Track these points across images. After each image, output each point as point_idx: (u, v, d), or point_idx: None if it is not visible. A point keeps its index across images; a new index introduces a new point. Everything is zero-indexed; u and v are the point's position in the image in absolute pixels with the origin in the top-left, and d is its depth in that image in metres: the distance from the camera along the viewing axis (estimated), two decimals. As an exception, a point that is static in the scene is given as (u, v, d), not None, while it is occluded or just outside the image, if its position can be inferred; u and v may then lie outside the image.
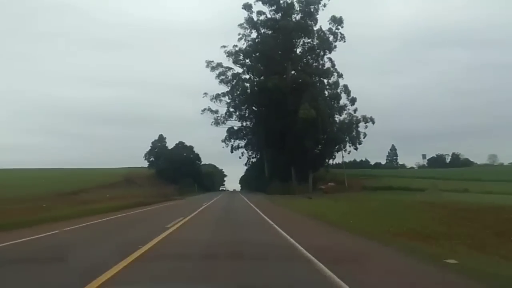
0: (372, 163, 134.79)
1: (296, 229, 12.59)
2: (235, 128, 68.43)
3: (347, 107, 53.71)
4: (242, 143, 70.31)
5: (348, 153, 51.19)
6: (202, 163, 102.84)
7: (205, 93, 60.96)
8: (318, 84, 53.85)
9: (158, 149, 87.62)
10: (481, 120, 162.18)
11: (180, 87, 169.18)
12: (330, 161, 58.68)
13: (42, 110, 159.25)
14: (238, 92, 62.38)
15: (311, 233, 12.42)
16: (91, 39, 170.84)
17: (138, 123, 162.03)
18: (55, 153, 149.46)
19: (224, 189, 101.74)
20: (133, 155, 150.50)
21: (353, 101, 53.23)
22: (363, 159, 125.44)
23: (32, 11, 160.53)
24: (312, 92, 50.20)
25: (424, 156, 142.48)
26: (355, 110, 52.34)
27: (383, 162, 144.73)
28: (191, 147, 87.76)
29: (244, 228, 13.61)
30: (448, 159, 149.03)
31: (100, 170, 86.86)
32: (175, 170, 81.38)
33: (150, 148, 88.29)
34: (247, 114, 64.01)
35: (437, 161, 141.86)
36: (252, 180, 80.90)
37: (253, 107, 61.69)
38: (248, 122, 65.44)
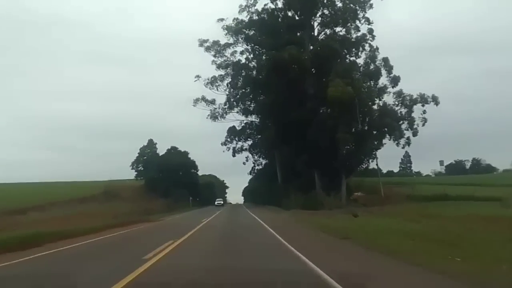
0: (384, 171, 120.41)
1: None
2: (237, 127, 53.58)
3: (387, 89, 38.70)
4: (246, 144, 55.40)
5: (402, 147, 36.07)
6: (201, 174, 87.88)
7: (197, 76, 46.02)
8: (349, 58, 38.99)
9: (147, 156, 72.49)
10: (503, 124, 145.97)
11: (176, 99, 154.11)
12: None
13: (22, 122, 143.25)
14: (241, 78, 47.63)
15: None
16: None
17: (131, 136, 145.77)
18: (28, 166, 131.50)
19: (221, 203, 74.30)
20: (121, 167, 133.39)
21: (395, 80, 38.17)
22: (374, 167, 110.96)
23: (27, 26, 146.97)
24: (344, 64, 35.37)
25: (441, 163, 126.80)
26: (399, 93, 37.23)
27: (396, 170, 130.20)
28: (186, 153, 72.39)
29: None
30: (468, 165, 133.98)
31: (76, 183, 71.68)
32: (167, 180, 66.22)
33: (137, 155, 73.16)
34: (252, 107, 49.01)
35: (456, 168, 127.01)
36: (258, 191, 65.40)
37: (260, 97, 46.70)
38: (253, 117, 50.49)
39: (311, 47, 41.56)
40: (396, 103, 35.11)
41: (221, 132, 53.92)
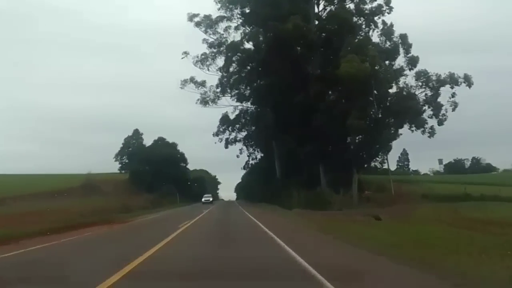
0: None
1: None
2: (231, 115, 47.87)
3: (404, 71, 33.17)
4: (240, 135, 49.84)
5: (429, 137, 30.38)
6: (192, 168, 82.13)
7: (185, 53, 39.98)
8: (360, 35, 33.28)
9: (132, 147, 66.42)
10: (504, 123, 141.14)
11: (167, 91, 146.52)
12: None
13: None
14: (236, 61, 41.76)
15: None
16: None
17: (118, 128, 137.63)
18: (7, 158, 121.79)
19: (210, 200, 59.05)
20: (106, 159, 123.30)
21: (413, 61, 32.73)
22: (371, 165, 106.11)
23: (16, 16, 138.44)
24: (358, 39, 29.88)
25: (440, 161, 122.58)
26: (418, 75, 31.66)
27: (393, 168, 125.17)
28: (174, 144, 66.44)
29: None
30: (467, 164, 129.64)
31: (55, 176, 65.43)
32: (153, 173, 60.49)
33: (121, 146, 67.04)
34: (248, 92, 43.23)
35: (455, 167, 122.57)
36: (253, 187, 59.81)
37: (257, 81, 40.92)
38: (249, 103, 44.72)
39: (317, 23, 35.98)
40: (420, 84, 29.47)
41: (214, 126, 48.57)
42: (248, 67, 41.40)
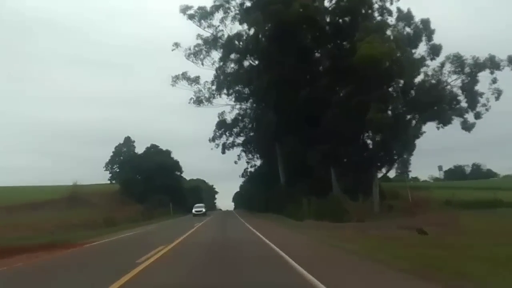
0: (379, 176, 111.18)
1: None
2: (228, 116, 43.10)
3: (425, 61, 28.55)
4: (239, 140, 45.05)
5: (468, 131, 25.30)
6: (189, 178, 76.97)
7: (176, 44, 35.09)
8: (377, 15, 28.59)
9: (123, 155, 61.16)
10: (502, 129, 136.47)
11: (164, 104, 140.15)
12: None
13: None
14: (236, 55, 37.01)
15: None
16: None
17: (113, 140, 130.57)
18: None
19: (202, 211, 49.00)
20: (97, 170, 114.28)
21: (436, 50, 28.15)
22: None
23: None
24: (375, 22, 25.28)
25: (440, 168, 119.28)
26: (448, 59, 26.89)
27: (391, 175, 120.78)
28: (168, 152, 61.21)
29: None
30: (468, 171, 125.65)
31: (42, 188, 59.87)
32: (145, 183, 55.29)
33: (112, 154, 61.74)
34: (247, 90, 38.40)
35: (455, 173, 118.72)
36: (253, 196, 54.63)
37: (258, 77, 36.10)
38: (248, 104, 39.86)
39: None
40: (453, 69, 24.72)
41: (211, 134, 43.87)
42: (247, 63, 36.81)
